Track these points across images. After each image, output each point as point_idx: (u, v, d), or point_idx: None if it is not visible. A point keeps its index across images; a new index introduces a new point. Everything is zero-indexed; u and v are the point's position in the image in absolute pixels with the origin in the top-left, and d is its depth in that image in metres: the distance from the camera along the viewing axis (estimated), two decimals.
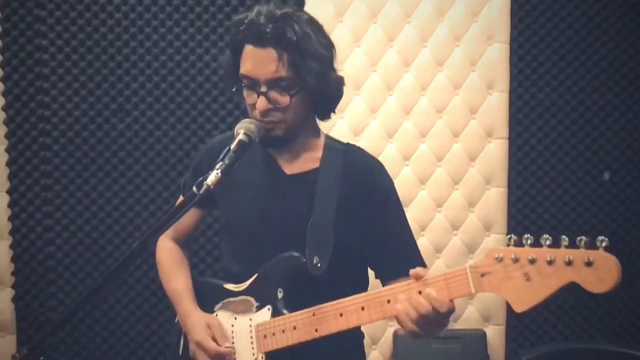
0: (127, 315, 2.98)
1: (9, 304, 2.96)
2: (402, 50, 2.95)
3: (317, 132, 1.73)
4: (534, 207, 2.98)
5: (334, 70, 1.62)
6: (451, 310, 1.36)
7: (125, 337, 2.99)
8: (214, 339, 1.60)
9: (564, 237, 1.21)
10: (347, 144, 1.76)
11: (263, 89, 1.53)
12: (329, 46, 1.60)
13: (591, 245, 1.18)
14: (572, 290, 1.14)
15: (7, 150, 2.92)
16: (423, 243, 2.95)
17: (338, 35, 2.94)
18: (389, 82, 2.97)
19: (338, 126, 2.95)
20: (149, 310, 2.97)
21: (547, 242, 1.22)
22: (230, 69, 1.62)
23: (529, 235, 1.25)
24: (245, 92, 1.59)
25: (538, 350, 2.76)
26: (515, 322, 3.00)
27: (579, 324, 2.99)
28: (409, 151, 2.98)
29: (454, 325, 3.01)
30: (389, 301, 1.41)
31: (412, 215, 2.99)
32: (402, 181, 2.97)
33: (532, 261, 1.23)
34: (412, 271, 1.39)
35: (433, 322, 1.36)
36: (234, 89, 1.60)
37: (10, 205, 2.94)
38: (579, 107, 2.96)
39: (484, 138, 2.97)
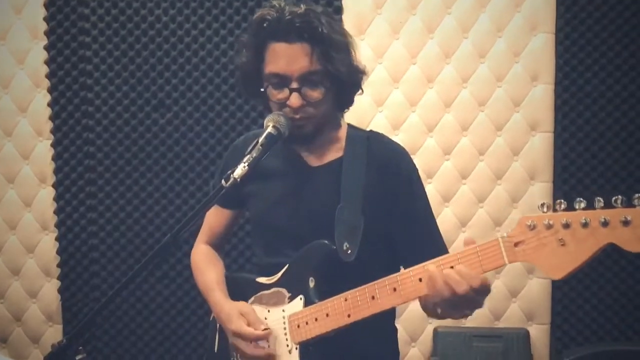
0: (167, 308, 3.02)
1: (56, 295, 3.04)
2: (443, 42, 2.89)
3: (338, 123, 1.73)
4: None
5: (355, 58, 1.62)
6: (485, 286, 1.31)
7: (166, 329, 3.03)
8: (250, 325, 1.59)
9: (598, 198, 1.14)
10: (370, 131, 1.74)
11: (295, 85, 1.53)
12: (348, 35, 1.61)
13: (628, 204, 1.12)
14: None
15: (53, 145, 3.00)
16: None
17: (376, 27, 2.90)
18: (428, 74, 2.91)
19: (377, 120, 2.92)
20: (188, 303, 3.01)
21: (582, 205, 1.16)
22: (252, 71, 1.61)
23: (561, 200, 1.19)
24: (273, 91, 1.57)
25: (582, 351, 2.66)
26: (560, 321, 2.91)
27: (629, 324, 2.88)
28: (450, 145, 2.92)
29: (497, 323, 2.94)
30: (420, 280, 1.36)
31: (454, 210, 2.93)
32: (442, 176, 2.92)
33: (567, 225, 1.17)
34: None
35: (467, 300, 1.31)
36: (262, 89, 1.58)
37: (56, 198, 3.01)
38: (628, 99, 2.84)
39: (527, 132, 2.89)
